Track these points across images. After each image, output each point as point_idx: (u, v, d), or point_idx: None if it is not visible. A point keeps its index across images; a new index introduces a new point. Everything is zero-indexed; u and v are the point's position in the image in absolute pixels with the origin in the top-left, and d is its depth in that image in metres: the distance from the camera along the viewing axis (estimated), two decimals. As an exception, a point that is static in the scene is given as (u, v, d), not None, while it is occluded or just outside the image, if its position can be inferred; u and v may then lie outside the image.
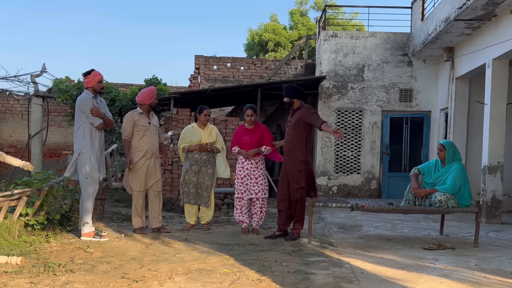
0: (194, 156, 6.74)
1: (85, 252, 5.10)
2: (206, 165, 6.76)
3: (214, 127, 6.95)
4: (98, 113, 5.89)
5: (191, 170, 6.72)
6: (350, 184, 11.41)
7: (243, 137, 6.72)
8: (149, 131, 6.39)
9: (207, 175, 6.74)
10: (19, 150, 14.24)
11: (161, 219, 6.56)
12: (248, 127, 6.76)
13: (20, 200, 5.49)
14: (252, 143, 6.64)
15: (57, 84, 10.86)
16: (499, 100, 8.22)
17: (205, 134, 6.79)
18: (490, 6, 7.64)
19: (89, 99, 5.91)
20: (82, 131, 5.84)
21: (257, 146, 6.64)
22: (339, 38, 11.60)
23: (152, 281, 4.08)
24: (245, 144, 6.68)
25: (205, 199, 6.74)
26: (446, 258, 5.17)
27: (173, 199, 9.36)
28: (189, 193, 6.73)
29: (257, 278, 4.21)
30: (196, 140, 6.74)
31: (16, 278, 4.04)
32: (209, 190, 6.75)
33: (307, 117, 6.11)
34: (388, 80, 11.37)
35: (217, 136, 6.91)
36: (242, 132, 6.78)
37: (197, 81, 16.00)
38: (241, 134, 6.77)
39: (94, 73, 5.98)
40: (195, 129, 6.83)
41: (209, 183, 6.75)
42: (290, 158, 6.16)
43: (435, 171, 6.23)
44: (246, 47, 24.45)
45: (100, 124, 5.92)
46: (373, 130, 11.40)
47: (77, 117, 5.92)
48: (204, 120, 6.83)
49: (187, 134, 6.80)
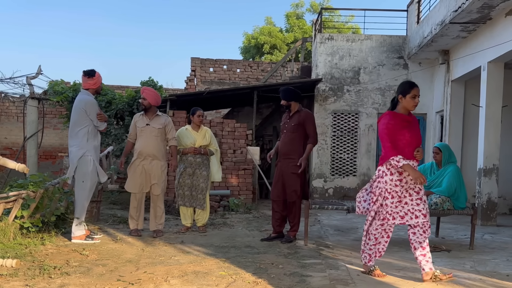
0: (188, 159, 6.73)
1: (81, 254, 5.08)
2: (201, 168, 6.75)
3: (208, 129, 6.94)
4: (104, 118, 5.86)
5: (185, 173, 6.71)
6: (346, 186, 11.43)
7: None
8: (145, 132, 6.30)
9: (201, 177, 6.73)
10: (14, 152, 14.18)
11: (161, 223, 6.42)
12: None
13: (16, 203, 5.46)
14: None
15: (52, 86, 10.82)
16: (494, 103, 8.25)
17: (199, 136, 6.78)
18: (486, 9, 7.67)
19: (95, 102, 5.85)
20: (85, 133, 5.74)
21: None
22: (335, 41, 11.63)
23: (148, 283, 4.07)
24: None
25: (200, 201, 6.72)
26: (442, 261, 5.17)
27: (169, 201, 9.34)
28: (183, 196, 6.72)
29: (253, 281, 4.20)
30: (190, 143, 6.72)
31: (11, 281, 4.02)
32: (203, 192, 6.74)
33: (308, 126, 6.14)
34: (384, 83, 11.41)
35: (211, 138, 6.91)
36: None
37: (193, 83, 15.99)
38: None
39: (98, 75, 5.89)
40: (189, 131, 6.82)
41: (203, 185, 6.74)
42: (287, 161, 6.14)
43: (431, 173, 6.25)
44: (242, 49, 24.47)
45: (105, 128, 5.90)
46: (369, 133, 11.43)
47: (80, 118, 5.75)
48: (198, 121, 6.82)
49: (181, 136, 6.79)
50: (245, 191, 9.99)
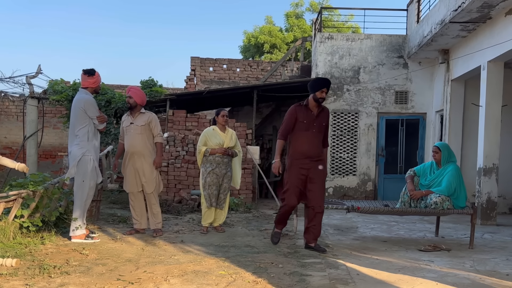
0: (216, 159, 6.74)
1: (81, 254, 5.08)
2: (227, 168, 6.81)
3: (233, 131, 7.02)
4: (104, 119, 5.86)
5: (213, 172, 6.72)
6: (346, 185, 11.43)
7: None
8: (129, 131, 6.29)
9: (226, 178, 6.81)
10: (14, 151, 14.18)
11: (159, 222, 6.38)
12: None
13: (15, 202, 5.46)
14: None
15: (52, 86, 10.83)
16: (494, 102, 8.25)
17: (227, 137, 6.84)
18: (485, 9, 7.67)
19: (94, 101, 5.85)
20: (86, 133, 5.74)
21: None
22: (335, 40, 11.62)
23: (148, 283, 4.07)
24: None
25: (221, 201, 6.82)
26: (442, 260, 5.18)
27: (169, 200, 9.34)
28: (211, 195, 6.72)
29: (253, 280, 4.20)
30: (218, 143, 6.75)
31: (11, 280, 4.02)
32: (226, 192, 6.84)
33: (327, 124, 5.88)
34: (383, 82, 11.41)
35: (236, 140, 6.97)
36: None
37: (193, 82, 15.99)
38: None
39: (98, 74, 5.89)
40: (216, 132, 6.84)
41: (227, 185, 6.83)
42: (317, 163, 5.63)
43: (431, 173, 6.25)
44: (242, 49, 24.47)
45: (104, 127, 5.90)
46: (369, 132, 11.43)
47: (80, 118, 5.74)
48: (222, 121, 6.85)
49: (208, 136, 6.80)
50: (245, 190, 9.99)
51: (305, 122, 5.63)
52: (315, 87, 5.65)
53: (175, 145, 10.15)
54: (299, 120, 5.65)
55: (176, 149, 10.12)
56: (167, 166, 9.89)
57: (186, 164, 9.94)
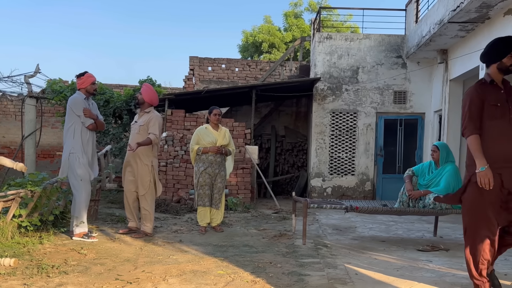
0: (209, 158, 6.69)
1: (79, 253, 5.08)
2: (220, 167, 6.76)
3: (226, 129, 6.95)
4: (90, 114, 5.89)
5: (205, 172, 6.68)
6: (344, 185, 11.43)
7: None
8: (132, 130, 6.41)
9: (220, 177, 6.75)
10: (12, 151, 14.15)
11: (146, 225, 6.19)
12: None
13: (14, 202, 5.46)
14: None
15: (51, 85, 10.82)
16: (492, 102, 8.24)
17: (220, 136, 6.78)
18: (484, 9, 7.67)
19: (80, 99, 5.92)
20: (72, 131, 5.84)
21: None
22: (334, 40, 11.62)
23: (146, 282, 4.07)
24: None
25: (216, 201, 6.76)
26: (440, 260, 5.18)
27: (167, 200, 9.34)
28: (204, 195, 6.70)
29: (252, 280, 4.20)
30: (211, 142, 6.71)
31: (9, 280, 4.01)
32: (220, 192, 6.78)
33: None
34: (382, 82, 11.41)
35: (230, 138, 6.91)
36: None
37: (191, 82, 15.97)
38: None
39: (87, 75, 6.00)
40: (209, 130, 6.79)
41: (221, 185, 6.77)
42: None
43: (429, 172, 6.26)
44: (240, 48, 24.46)
45: (91, 125, 5.91)
46: (368, 132, 11.43)
47: (68, 117, 5.90)
48: (215, 120, 6.80)
49: (200, 135, 6.76)
50: (244, 190, 9.99)
51: (498, 105, 3.70)
52: (500, 51, 3.83)
53: (173, 145, 10.15)
54: (491, 103, 3.71)
55: (174, 149, 10.12)
56: (166, 165, 9.89)
57: (185, 164, 9.93)
